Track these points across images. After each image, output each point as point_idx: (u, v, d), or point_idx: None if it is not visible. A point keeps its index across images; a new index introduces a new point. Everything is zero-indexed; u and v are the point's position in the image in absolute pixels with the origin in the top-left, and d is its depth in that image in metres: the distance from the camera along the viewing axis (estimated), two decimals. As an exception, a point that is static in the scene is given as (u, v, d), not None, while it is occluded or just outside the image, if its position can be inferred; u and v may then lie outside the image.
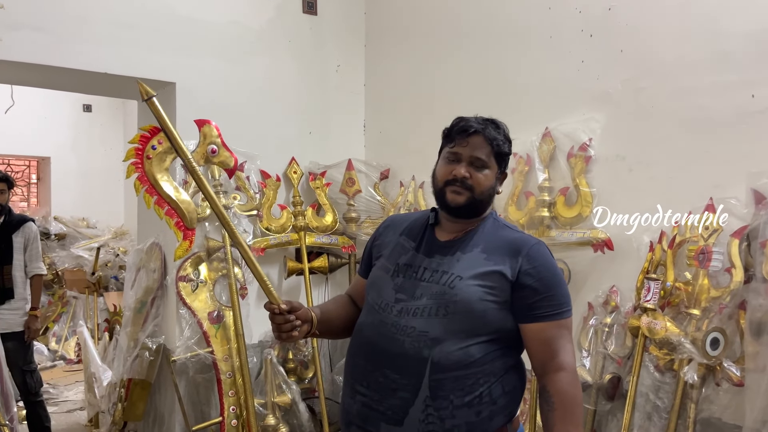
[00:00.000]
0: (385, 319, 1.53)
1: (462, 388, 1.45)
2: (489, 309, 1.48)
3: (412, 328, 1.49)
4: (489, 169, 1.56)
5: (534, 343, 1.51)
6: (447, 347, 1.46)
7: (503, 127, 1.62)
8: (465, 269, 1.51)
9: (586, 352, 2.41)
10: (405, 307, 1.52)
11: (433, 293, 1.50)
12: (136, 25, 2.96)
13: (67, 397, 4.77)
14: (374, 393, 1.50)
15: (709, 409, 2.06)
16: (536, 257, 1.51)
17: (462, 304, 1.47)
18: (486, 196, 1.57)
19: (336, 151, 3.57)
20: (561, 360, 1.48)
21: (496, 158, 1.57)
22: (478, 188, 1.55)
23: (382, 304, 1.56)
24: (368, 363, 1.54)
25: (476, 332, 1.48)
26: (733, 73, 2.06)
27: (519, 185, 2.73)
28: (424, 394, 1.45)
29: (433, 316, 1.48)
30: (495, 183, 1.59)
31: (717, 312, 2.02)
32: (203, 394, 3.16)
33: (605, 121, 2.46)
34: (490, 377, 1.48)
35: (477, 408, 1.46)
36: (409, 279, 1.56)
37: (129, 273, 3.41)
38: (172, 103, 3.11)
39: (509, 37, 2.85)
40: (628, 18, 2.38)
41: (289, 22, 3.45)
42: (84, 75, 2.92)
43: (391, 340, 1.50)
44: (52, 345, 5.87)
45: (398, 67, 3.51)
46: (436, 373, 1.45)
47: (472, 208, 1.57)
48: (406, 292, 1.54)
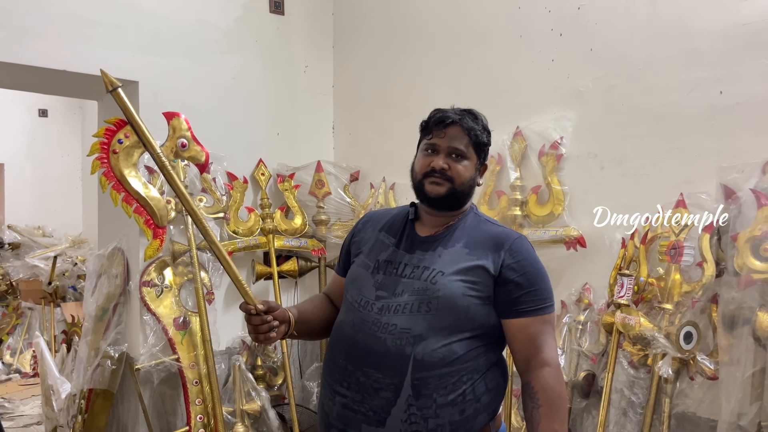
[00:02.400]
0: (365, 317, 1.50)
1: (445, 386, 1.43)
2: (472, 304, 1.46)
3: (393, 326, 1.45)
4: (468, 160, 1.55)
5: (518, 339, 1.49)
6: (430, 344, 1.43)
7: (481, 117, 1.61)
8: (447, 264, 1.49)
9: (560, 350, 2.40)
10: (386, 304, 1.49)
11: (414, 289, 1.48)
12: (97, 21, 2.86)
13: (23, 411, 4.57)
14: (355, 393, 1.46)
15: (684, 404, 2.07)
16: (519, 251, 1.50)
17: (445, 300, 1.45)
18: (466, 187, 1.55)
19: (305, 153, 3.52)
20: (545, 356, 1.46)
21: (475, 149, 1.56)
22: (458, 179, 1.53)
23: (363, 302, 1.53)
24: (348, 362, 1.49)
25: (459, 329, 1.45)
26: (702, 69, 2.09)
27: (491, 184, 2.73)
28: (407, 393, 1.41)
29: (415, 312, 1.45)
30: (475, 174, 1.58)
31: (690, 306, 2.03)
32: (169, 404, 3.06)
33: (576, 120, 2.47)
34: (474, 374, 1.46)
35: (461, 406, 1.44)
36: (390, 276, 1.53)
37: (89, 280, 3.28)
38: (135, 103, 3.00)
39: (479, 36, 2.85)
40: (597, 17, 2.40)
41: (256, 22, 3.39)
42: (42, 73, 2.80)
43: (372, 338, 1.46)
44: (7, 358, 5.63)
45: (367, 68, 3.48)
46: (419, 371, 1.42)
47: (453, 199, 1.55)
48: (386, 289, 1.51)
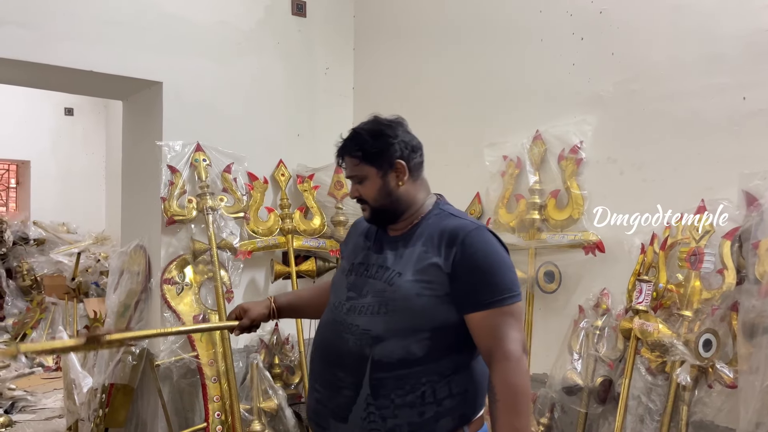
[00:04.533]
0: (336, 317, 1.56)
1: (403, 387, 1.44)
2: (429, 304, 1.46)
3: (356, 326, 1.50)
4: (367, 178, 1.56)
5: (477, 333, 1.46)
6: (388, 346, 1.45)
7: (367, 127, 1.58)
8: (404, 265, 1.51)
9: (577, 355, 2.39)
10: (353, 304, 1.53)
11: (376, 290, 1.51)
12: (123, 23, 2.92)
13: (45, 404, 4.66)
14: (325, 391, 1.53)
15: (701, 412, 2.05)
16: (471, 244, 1.47)
17: (401, 301, 1.47)
18: (385, 201, 1.57)
19: (324, 154, 3.53)
20: (505, 349, 1.42)
21: (369, 162, 1.55)
22: (370, 200, 1.58)
23: (337, 303, 1.59)
24: (321, 362, 1.57)
25: (418, 329, 1.46)
26: (725, 75, 2.07)
27: (509, 188, 2.73)
28: (366, 393, 1.45)
29: (375, 313, 1.49)
30: (386, 183, 1.56)
31: (709, 314, 2.01)
32: (187, 400, 3.10)
33: (597, 124, 2.46)
34: (434, 376, 1.46)
35: (420, 408, 1.44)
36: (360, 277, 1.57)
37: (112, 276, 3.34)
38: (158, 103, 3.07)
39: (500, 39, 2.85)
40: (619, 20, 2.38)
41: (277, 24, 3.42)
42: (69, 73, 2.86)
43: (339, 339, 1.52)
44: (30, 352, 5.74)
45: (387, 70, 3.50)
46: (377, 371, 1.45)
47: (382, 216, 1.60)
48: (356, 290, 1.56)
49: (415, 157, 1.59)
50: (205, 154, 3.10)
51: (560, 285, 2.51)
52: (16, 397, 4.72)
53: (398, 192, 1.56)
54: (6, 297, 6.47)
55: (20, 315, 6.32)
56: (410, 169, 1.57)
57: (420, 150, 1.63)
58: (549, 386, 2.45)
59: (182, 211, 3.01)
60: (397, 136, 1.57)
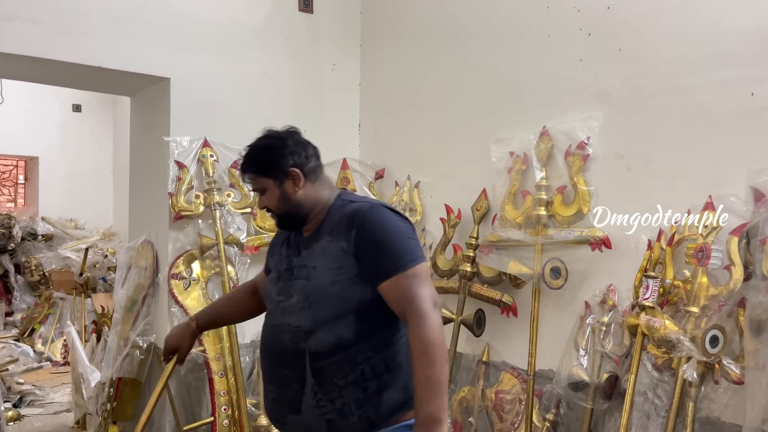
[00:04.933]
0: (273, 321, 1.68)
1: (342, 370, 1.55)
2: (343, 288, 1.57)
3: (289, 325, 1.61)
4: (267, 189, 1.68)
5: (391, 300, 1.55)
6: (319, 336, 1.56)
7: (259, 143, 1.71)
8: (318, 258, 1.62)
9: (583, 351, 2.39)
10: (284, 306, 1.65)
11: (299, 288, 1.62)
12: (131, 19, 2.93)
13: (54, 399, 4.69)
14: (277, 389, 1.65)
15: (708, 408, 2.05)
16: (366, 220, 1.58)
17: (318, 293, 1.58)
18: (287, 207, 1.68)
19: (331, 150, 3.51)
20: (416, 308, 1.49)
21: (265, 174, 1.67)
22: (274, 208, 1.70)
23: (272, 309, 1.71)
24: (268, 363, 1.69)
25: (341, 314, 1.56)
26: (733, 71, 2.06)
27: (516, 184, 2.72)
28: (311, 383, 1.56)
29: (302, 309, 1.60)
30: (283, 190, 1.67)
31: (716, 310, 2.01)
32: (194, 394, 3.12)
33: (604, 120, 2.45)
34: (369, 353, 1.57)
35: (362, 385, 1.55)
36: (287, 281, 1.68)
37: (120, 271, 3.37)
38: (166, 99, 3.08)
39: (507, 35, 2.85)
40: (627, 16, 2.38)
41: (284, 20, 3.43)
42: (77, 69, 2.88)
43: (277, 340, 1.64)
44: (38, 347, 5.78)
45: (394, 66, 3.50)
46: (316, 361, 1.56)
47: (289, 220, 1.72)
48: (285, 293, 1.66)
49: (308, 162, 1.70)
50: (212, 150, 3.11)
51: (566, 281, 2.51)
52: (24, 392, 4.76)
53: (297, 197, 1.67)
54: (15, 292, 6.52)
55: (29, 310, 6.37)
56: (305, 174, 1.68)
57: (313, 154, 1.73)
58: (555, 382, 2.45)
59: (189, 206, 3.02)
60: (287, 146, 1.68)
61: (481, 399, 2.78)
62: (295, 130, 1.76)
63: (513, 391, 2.68)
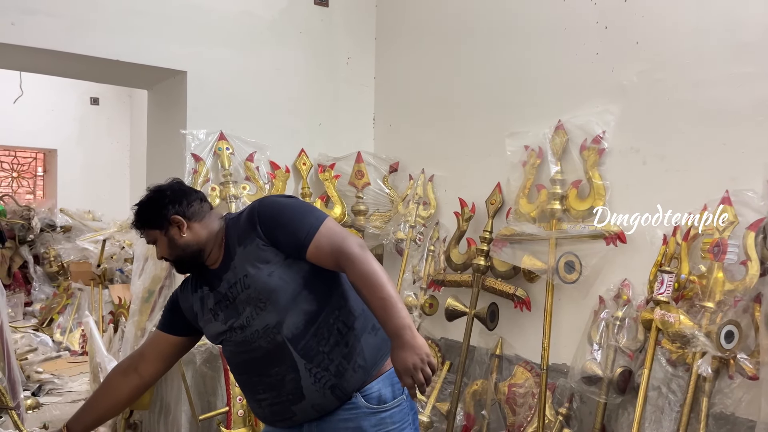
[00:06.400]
0: (237, 343, 1.75)
1: (323, 336, 1.68)
2: (282, 274, 1.68)
3: (257, 332, 1.70)
4: (157, 239, 1.80)
5: (322, 261, 1.67)
6: (289, 322, 1.67)
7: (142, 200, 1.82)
8: (243, 268, 1.71)
9: (597, 346, 2.39)
10: (240, 324, 1.73)
11: (247, 299, 1.71)
12: (148, 13, 2.96)
13: (72, 387, 4.77)
14: (271, 392, 1.73)
15: (722, 403, 2.04)
16: (263, 212, 1.72)
17: (265, 290, 1.68)
18: (178, 252, 1.77)
19: (345, 144, 3.56)
20: (344, 253, 1.61)
21: (151, 227, 1.79)
22: (167, 255, 1.80)
23: (228, 337, 1.77)
24: (252, 377, 1.77)
25: (294, 295, 1.68)
26: (751, 64, 2.04)
27: (530, 178, 2.72)
28: (302, 363, 1.68)
29: (259, 313, 1.69)
30: (171, 238, 1.77)
31: (732, 305, 2.00)
32: (209, 385, 3.15)
33: (620, 114, 2.44)
34: (335, 312, 1.71)
35: (343, 341, 1.69)
36: (227, 308, 1.75)
37: (137, 263, 3.40)
38: (183, 92, 3.11)
39: (522, 29, 2.84)
40: (644, 9, 2.36)
41: (300, 13, 3.44)
42: (96, 62, 2.91)
43: (252, 351, 1.72)
44: (57, 336, 5.86)
45: (409, 59, 3.50)
46: (298, 343, 1.68)
47: (185, 263, 1.81)
48: (233, 316, 1.74)
49: (190, 207, 1.79)
50: (228, 143, 3.13)
51: (581, 275, 2.50)
52: (43, 380, 4.84)
53: (184, 240, 1.76)
54: (34, 283, 6.62)
55: (47, 300, 6.46)
56: (188, 218, 1.78)
57: (196, 198, 1.83)
58: (569, 376, 2.45)
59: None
60: (166, 197, 1.79)
61: (494, 392, 2.79)
62: (177, 180, 1.88)
63: (526, 384, 2.69)
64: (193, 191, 1.86)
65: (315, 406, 1.71)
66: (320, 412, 1.71)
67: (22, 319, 6.37)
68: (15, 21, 2.64)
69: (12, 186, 7.47)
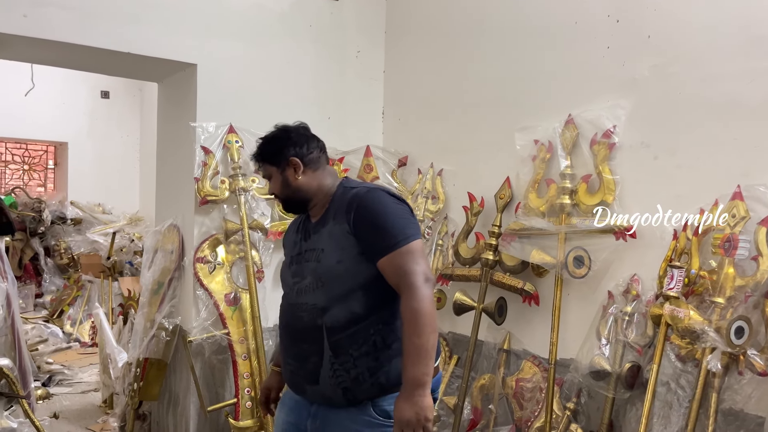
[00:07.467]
0: (290, 301, 1.83)
1: (357, 342, 1.70)
2: (350, 267, 1.71)
3: (305, 304, 1.76)
4: (272, 175, 1.87)
5: (387, 275, 1.68)
6: (334, 312, 1.71)
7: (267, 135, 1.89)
8: (325, 241, 1.76)
9: (605, 341, 2.38)
10: (299, 287, 1.79)
11: (311, 270, 1.77)
12: (159, 6, 2.96)
13: (82, 378, 4.81)
14: (296, 362, 1.79)
15: (731, 399, 2.03)
16: (363, 203, 1.72)
17: (328, 273, 1.73)
18: (288, 192, 1.85)
19: (354, 137, 3.56)
20: (408, 282, 1.63)
21: (269, 162, 1.86)
22: (277, 193, 1.88)
23: (287, 290, 1.86)
24: (288, 340, 1.83)
25: (351, 291, 1.70)
26: (764, 59, 2.02)
27: (540, 172, 2.71)
28: (328, 355, 1.71)
29: (315, 289, 1.75)
30: (285, 177, 1.84)
31: (742, 301, 1.99)
32: (218, 376, 3.17)
33: (630, 108, 2.43)
34: (379, 326, 1.71)
35: (374, 355, 1.70)
36: (300, 264, 1.83)
37: (146, 255, 3.43)
38: (193, 85, 3.11)
39: (533, 23, 2.83)
40: (656, 3, 2.34)
41: (310, 7, 3.43)
42: (107, 55, 2.92)
43: (296, 318, 1.78)
44: (67, 328, 5.91)
45: (418, 53, 3.49)
46: (333, 335, 1.70)
47: (291, 204, 1.89)
48: (298, 275, 1.81)
49: (310, 153, 1.85)
50: (237, 136, 3.14)
51: (590, 270, 2.49)
52: (53, 371, 4.88)
53: (297, 183, 1.83)
54: (44, 274, 6.68)
55: (58, 292, 6.52)
56: (305, 163, 1.83)
57: (316, 147, 1.88)
58: (576, 371, 2.45)
59: (215, 191, 3.06)
60: (290, 138, 1.85)
61: (501, 387, 2.79)
62: (302, 125, 1.93)
63: (533, 379, 2.68)
64: (315, 138, 1.90)
65: (324, 397, 1.75)
66: (328, 403, 1.76)
67: (33, 311, 6.43)
68: (27, 13, 2.65)
69: (23, 178, 7.53)
